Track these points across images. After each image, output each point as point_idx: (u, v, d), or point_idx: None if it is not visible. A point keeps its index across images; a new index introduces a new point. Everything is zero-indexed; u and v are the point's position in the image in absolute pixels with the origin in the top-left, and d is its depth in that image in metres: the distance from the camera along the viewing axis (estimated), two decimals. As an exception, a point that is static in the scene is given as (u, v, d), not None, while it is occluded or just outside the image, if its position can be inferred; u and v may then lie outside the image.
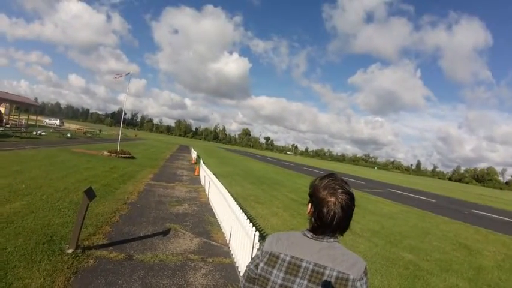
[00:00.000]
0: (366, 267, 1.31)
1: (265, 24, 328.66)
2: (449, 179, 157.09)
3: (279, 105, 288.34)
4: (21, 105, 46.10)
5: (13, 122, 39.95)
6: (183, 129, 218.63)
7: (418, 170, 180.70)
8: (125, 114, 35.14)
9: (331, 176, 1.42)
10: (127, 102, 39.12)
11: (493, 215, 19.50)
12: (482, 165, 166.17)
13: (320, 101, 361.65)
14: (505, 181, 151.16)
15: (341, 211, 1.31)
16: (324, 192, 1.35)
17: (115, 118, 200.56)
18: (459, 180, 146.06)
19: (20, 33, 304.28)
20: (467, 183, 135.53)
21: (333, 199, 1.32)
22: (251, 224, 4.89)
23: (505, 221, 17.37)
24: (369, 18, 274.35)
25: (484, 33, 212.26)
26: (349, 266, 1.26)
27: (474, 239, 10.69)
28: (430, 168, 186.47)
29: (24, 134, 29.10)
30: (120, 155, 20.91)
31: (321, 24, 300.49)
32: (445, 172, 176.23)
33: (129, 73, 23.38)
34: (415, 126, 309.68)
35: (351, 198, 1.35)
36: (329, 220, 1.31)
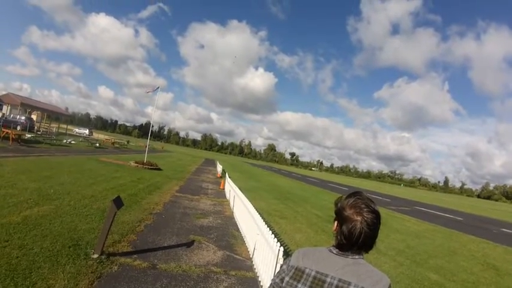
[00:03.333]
0: (390, 285, 1.30)
1: (290, 39, 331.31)
2: (478, 196, 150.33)
3: (305, 120, 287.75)
4: (52, 114, 48.35)
5: (44, 130, 41.71)
6: (208, 143, 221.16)
7: (445, 187, 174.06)
8: (152, 126, 36.05)
9: (357, 194, 1.44)
10: (154, 115, 40.16)
11: None
12: None
13: (346, 116, 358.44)
14: None
15: (368, 229, 1.33)
16: (350, 210, 1.37)
17: (142, 130, 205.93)
18: (488, 198, 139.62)
19: (52, 45, 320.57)
20: (496, 200, 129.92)
21: (359, 218, 1.34)
22: (275, 239, 4.77)
23: None
24: (395, 30, 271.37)
25: None
26: (374, 283, 1.27)
27: (503, 259, 10.18)
28: (458, 185, 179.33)
29: (55, 141, 30.27)
30: (147, 166, 21.26)
31: (346, 38, 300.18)
32: (473, 189, 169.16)
33: (158, 87, 24.01)
34: (443, 141, 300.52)
35: (377, 217, 1.37)
36: (355, 238, 1.33)
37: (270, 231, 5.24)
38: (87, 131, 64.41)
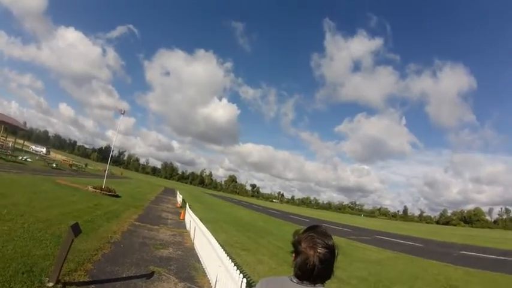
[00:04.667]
0: None
1: (255, 71, 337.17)
2: (437, 222, 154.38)
3: (266, 152, 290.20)
4: (9, 127, 45.04)
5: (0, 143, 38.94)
6: (169, 172, 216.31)
7: (405, 216, 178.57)
8: (112, 151, 35.16)
9: (313, 228, 1.53)
10: (115, 139, 39.09)
11: (482, 254, 19.42)
12: (469, 207, 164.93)
13: (307, 149, 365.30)
14: (493, 220, 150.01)
15: (320, 264, 1.40)
16: (304, 244, 1.46)
17: (102, 154, 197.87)
18: (447, 223, 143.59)
19: (17, 53, 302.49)
20: (455, 225, 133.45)
21: (312, 252, 1.42)
22: (238, 270, 4.80)
23: (495, 259, 17.41)
24: (356, 67, 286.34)
25: (467, 78, 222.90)
26: None
27: (464, 280, 10.63)
28: (417, 213, 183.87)
29: (10, 157, 28.55)
30: (105, 192, 20.52)
31: (309, 73, 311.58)
32: (432, 216, 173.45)
33: (124, 112, 23.74)
34: (401, 172, 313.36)
35: (331, 251, 1.44)
36: (309, 271, 1.41)
37: (232, 263, 5.25)
38: (44, 150, 61.27)
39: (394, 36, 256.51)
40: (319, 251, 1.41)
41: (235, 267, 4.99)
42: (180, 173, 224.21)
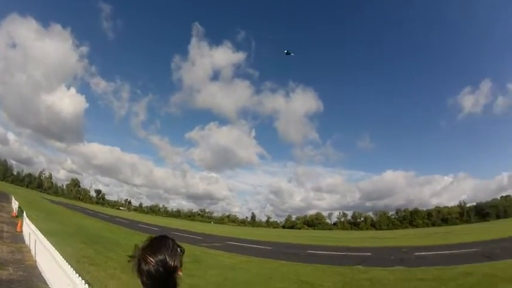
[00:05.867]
0: None
1: (112, 62, 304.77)
2: (283, 227, 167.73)
3: (113, 155, 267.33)
4: None
5: None
6: (2, 172, 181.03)
7: (253, 222, 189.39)
8: None
9: (155, 240, 1.57)
10: None
11: (327, 252, 22.24)
12: (311, 212, 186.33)
13: (157, 154, 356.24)
14: (332, 223, 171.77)
15: (156, 276, 1.43)
16: (142, 256, 1.49)
17: None
18: (292, 227, 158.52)
19: None
20: (299, 228, 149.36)
21: (146, 267, 1.45)
22: (89, 289, 4.55)
23: (338, 255, 20.27)
24: (216, 76, 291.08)
25: (316, 101, 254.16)
26: None
27: (314, 275, 11.86)
28: (264, 219, 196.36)
29: None
30: None
31: (168, 74, 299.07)
32: (278, 221, 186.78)
33: None
34: (249, 182, 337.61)
35: (163, 266, 1.44)
36: (147, 283, 1.46)
37: (83, 281, 4.91)
38: None
39: (256, 53, 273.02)
40: (153, 264, 1.42)
41: (87, 285, 4.70)
42: (15, 174, 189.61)
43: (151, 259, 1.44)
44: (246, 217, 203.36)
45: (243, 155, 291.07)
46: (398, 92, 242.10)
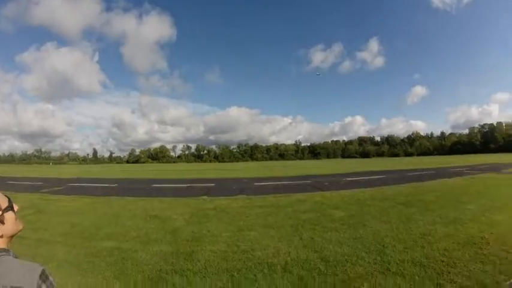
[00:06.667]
0: (43, 272, 1.31)
1: None
2: (127, 162, 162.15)
3: None
4: None
5: None
6: None
7: (95, 159, 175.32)
8: None
9: None
10: None
11: (172, 185, 22.46)
12: (155, 145, 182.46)
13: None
14: (176, 155, 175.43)
15: None
16: None
17: None
18: (136, 162, 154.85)
19: None
20: (143, 163, 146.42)
21: None
22: None
23: (183, 187, 20.62)
24: None
25: (170, 28, 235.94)
26: (21, 277, 1.25)
27: (161, 208, 11.93)
28: (106, 155, 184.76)
29: None
30: None
31: None
32: (122, 156, 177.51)
33: None
34: (89, 114, 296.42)
35: None
36: None
37: None
38: None
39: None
40: None
41: None
42: None
43: None
44: (88, 154, 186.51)
45: (84, 82, 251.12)
46: (254, 33, 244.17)
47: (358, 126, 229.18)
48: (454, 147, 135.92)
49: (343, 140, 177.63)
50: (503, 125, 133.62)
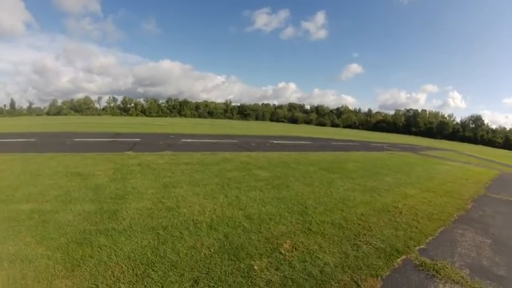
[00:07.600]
0: None
1: None
2: (47, 113, 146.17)
3: None
4: None
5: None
6: None
7: (13, 110, 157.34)
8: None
9: None
10: None
11: (95, 139, 21.03)
12: (79, 96, 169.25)
13: None
14: (101, 108, 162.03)
15: None
16: None
17: None
18: (58, 114, 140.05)
19: None
20: (65, 115, 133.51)
21: None
22: None
23: (107, 142, 19.52)
24: None
25: None
26: None
27: (83, 164, 11.19)
28: (25, 106, 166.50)
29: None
30: None
31: None
32: (42, 107, 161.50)
33: None
34: (8, 58, 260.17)
35: None
36: None
37: None
38: None
39: None
40: None
41: None
42: None
43: None
44: (4, 105, 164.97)
45: (5, 21, 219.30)
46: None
47: (290, 92, 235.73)
48: (378, 124, 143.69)
49: (274, 104, 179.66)
50: (427, 112, 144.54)
